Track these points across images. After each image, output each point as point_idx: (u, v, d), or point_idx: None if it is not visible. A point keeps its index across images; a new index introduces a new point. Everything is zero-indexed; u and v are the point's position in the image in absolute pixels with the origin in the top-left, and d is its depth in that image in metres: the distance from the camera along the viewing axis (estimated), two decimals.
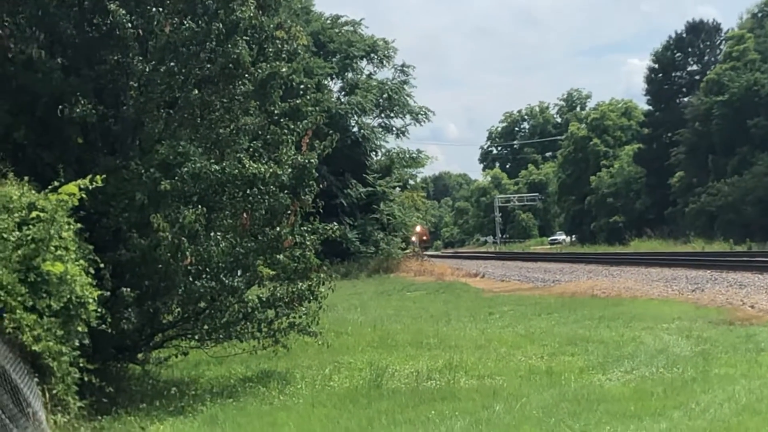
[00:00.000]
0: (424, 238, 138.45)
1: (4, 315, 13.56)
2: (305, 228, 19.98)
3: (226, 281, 18.29)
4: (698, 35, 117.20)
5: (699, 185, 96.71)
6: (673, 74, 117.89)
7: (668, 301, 31.94)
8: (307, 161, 19.67)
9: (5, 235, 14.10)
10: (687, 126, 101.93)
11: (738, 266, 45.32)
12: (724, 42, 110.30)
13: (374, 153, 71.44)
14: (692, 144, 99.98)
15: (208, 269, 18.12)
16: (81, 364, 14.59)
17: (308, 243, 19.71)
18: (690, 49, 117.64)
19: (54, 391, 14.04)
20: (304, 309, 19.69)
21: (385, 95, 71.04)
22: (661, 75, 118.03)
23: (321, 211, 21.18)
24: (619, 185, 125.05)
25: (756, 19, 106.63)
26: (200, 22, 17.94)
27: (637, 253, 77.62)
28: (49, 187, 15.02)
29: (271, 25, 20.02)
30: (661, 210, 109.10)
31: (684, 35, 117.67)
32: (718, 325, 23.97)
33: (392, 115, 72.75)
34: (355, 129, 67.44)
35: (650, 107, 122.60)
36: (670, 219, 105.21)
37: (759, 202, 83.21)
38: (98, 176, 15.20)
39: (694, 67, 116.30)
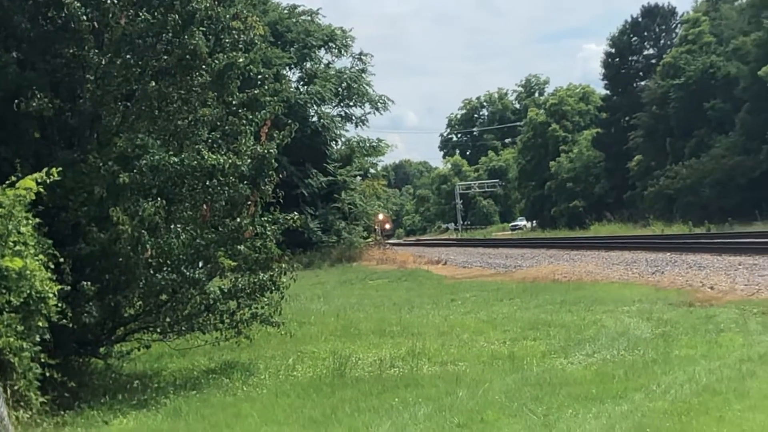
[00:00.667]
0: (387, 226, 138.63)
1: None
2: (266, 218, 19.98)
3: (188, 273, 18.24)
4: (654, 19, 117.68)
5: (657, 168, 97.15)
6: (630, 58, 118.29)
7: (629, 284, 32.12)
8: (266, 151, 19.66)
9: None
10: (644, 110, 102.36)
11: (697, 248, 45.57)
12: (679, 26, 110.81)
13: (334, 142, 71.52)
14: (650, 127, 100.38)
15: (168, 261, 18.07)
16: (42, 360, 14.55)
17: (269, 233, 19.71)
18: (646, 33, 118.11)
19: (15, 387, 13.98)
20: (266, 299, 19.67)
21: (344, 84, 71.12)
22: (617, 59, 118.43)
23: (281, 201, 21.19)
24: (578, 170, 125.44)
25: (710, 2, 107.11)
26: (156, 13, 17.86)
27: (597, 237, 77.93)
28: (7, 182, 14.98)
29: (228, 16, 19.97)
30: (621, 194, 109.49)
31: (640, 19, 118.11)
32: (678, 306, 24.12)
33: (351, 104, 72.86)
34: (315, 119, 67.39)
35: (608, 92, 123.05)
36: (630, 202, 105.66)
37: (717, 184, 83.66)
38: (55, 170, 15.17)
39: (651, 51, 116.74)
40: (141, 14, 17.71)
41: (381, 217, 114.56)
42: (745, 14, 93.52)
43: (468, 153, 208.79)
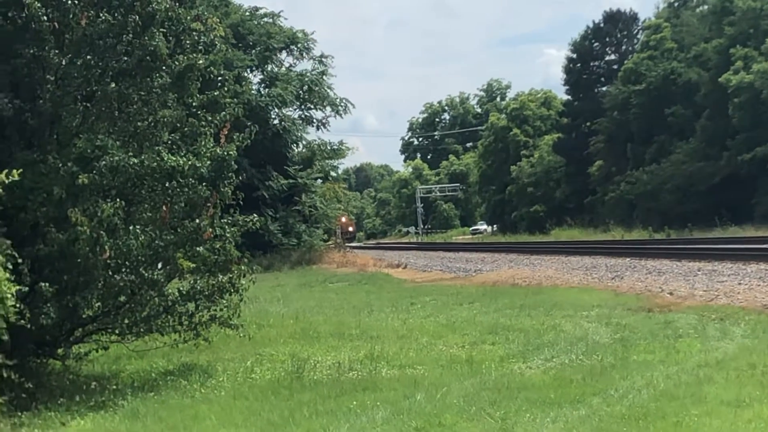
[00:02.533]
0: (350, 229, 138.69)
1: None
2: (225, 220, 20.01)
3: (146, 274, 18.22)
4: (616, 25, 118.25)
5: (618, 174, 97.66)
6: (591, 64, 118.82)
7: (588, 289, 32.25)
8: (226, 153, 19.67)
9: None
10: (605, 115, 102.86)
11: (656, 254, 45.81)
12: (641, 31, 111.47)
13: (295, 145, 71.45)
14: (611, 133, 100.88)
15: (127, 263, 18.05)
16: (1, 361, 14.54)
17: (228, 235, 19.74)
18: (608, 39, 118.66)
19: None
20: (225, 302, 19.69)
21: (305, 87, 71.05)
22: (579, 65, 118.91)
23: (241, 203, 21.21)
24: (539, 175, 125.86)
25: (672, 8, 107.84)
26: (116, 14, 17.87)
27: (557, 242, 78.24)
28: None
29: (188, 17, 19.95)
30: (581, 199, 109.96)
31: (602, 25, 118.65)
32: (636, 312, 24.25)
33: (312, 106, 72.78)
34: (276, 121, 67.35)
35: (569, 97, 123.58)
36: (590, 207, 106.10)
37: (677, 189, 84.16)
38: (15, 170, 15.16)
39: (612, 57, 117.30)
40: (101, 15, 17.71)
41: (344, 219, 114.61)
42: (705, 21, 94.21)
43: (429, 157, 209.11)
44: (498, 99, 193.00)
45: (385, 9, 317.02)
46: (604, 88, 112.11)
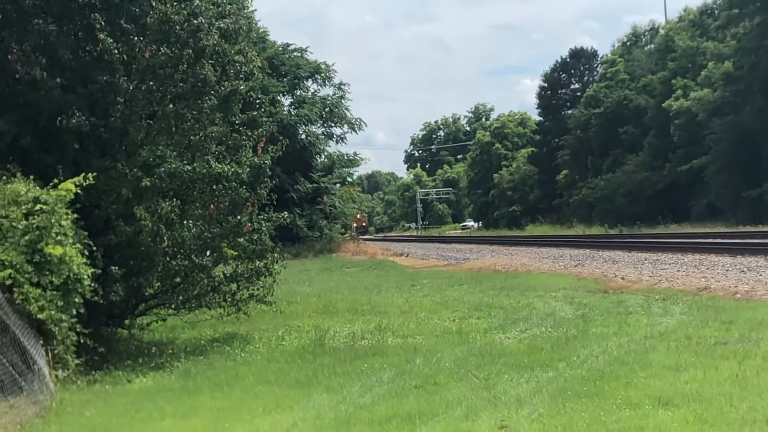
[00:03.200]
0: (363, 224, 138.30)
1: (14, 287, 13.46)
2: (261, 216, 20.00)
3: (197, 260, 18.26)
4: (579, 60, 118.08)
5: (580, 181, 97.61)
6: (559, 91, 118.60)
7: (555, 274, 32.21)
8: (262, 162, 19.72)
9: (14, 224, 14.00)
10: (570, 133, 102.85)
11: (611, 246, 45.81)
12: (599, 65, 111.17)
13: (318, 156, 71.38)
14: (575, 148, 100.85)
15: (182, 251, 18.08)
16: (78, 329, 14.53)
17: (264, 229, 19.74)
18: (573, 71, 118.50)
19: (55, 351, 13.96)
20: (261, 283, 19.71)
21: (327, 109, 71.00)
22: (549, 92, 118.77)
23: (275, 203, 21.29)
24: (516, 181, 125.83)
25: (625, 46, 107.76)
26: (174, 48, 17.84)
27: (531, 236, 78.11)
28: (51, 184, 14.99)
29: (232, 51, 19.95)
30: (551, 201, 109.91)
31: (568, 60, 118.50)
32: (595, 293, 24.20)
33: (333, 124, 72.69)
34: (303, 136, 67.22)
35: (541, 118, 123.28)
36: (558, 208, 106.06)
37: (628, 194, 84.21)
38: (91, 175, 15.19)
39: (576, 86, 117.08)
40: (162, 49, 17.69)
41: (358, 216, 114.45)
42: (652, 57, 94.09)
43: (427, 166, 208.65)
44: (483, 119, 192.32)
45: (395, 46, 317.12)
46: (569, 111, 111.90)
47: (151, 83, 17.78)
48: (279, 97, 65.18)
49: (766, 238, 38.76)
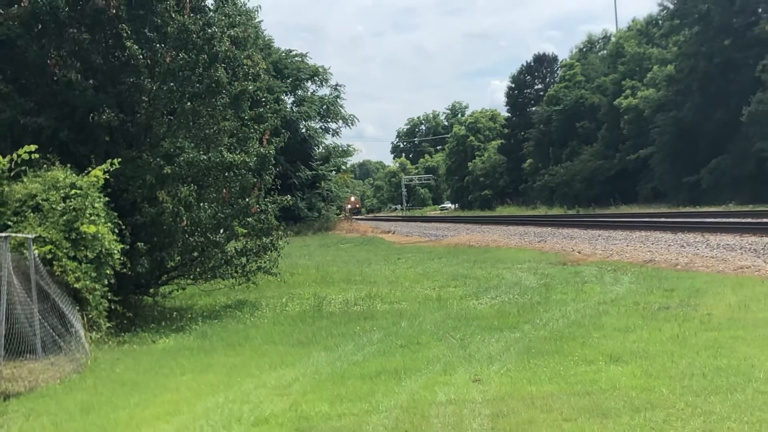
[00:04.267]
0: (357, 206, 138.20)
1: (54, 261, 13.48)
2: (267, 199, 20.11)
3: (212, 237, 18.34)
4: (542, 64, 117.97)
5: (543, 168, 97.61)
6: (525, 91, 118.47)
7: (521, 249, 32.24)
8: (267, 152, 19.82)
9: (54, 206, 14.01)
10: (534, 127, 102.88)
11: (569, 224, 45.85)
12: (559, 68, 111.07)
13: (317, 147, 71.18)
14: (538, 140, 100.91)
15: (198, 229, 18.16)
16: (109, 297, 14.58)
17: (270, 210, 19.84)
18: (536, 74, 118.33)
19: (90, 316, 13.98)
20: (267, 257, 19.81)
21: (324, 106, 70.91)
22: (516, 92, 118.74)
23: (279, 187, 21.49)
24: (488, 169, 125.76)
25: (581, 52, 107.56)
26: (191, 54, 17.84)
27: (500, 216, 78.14)
28: (85, 171, 15.02)
29: (242, 56, 19.93)
30: (517, 186, 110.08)
31: (532, 64, 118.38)
32: (555, 265, 24.24)
33: (329, 120, 72.58)
34: (303, 130, 67.08)
35: (509, 114, 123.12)
36: (523, 192, 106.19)
37: (584, 180, 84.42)
38: (117, 161, 15.28)
39: (539, 86, 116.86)
40: (180, 54, 17.68)
41: (353, 199, 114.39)
42: (605, 61, 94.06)
43: (410, 155, 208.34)
44: (459, 115, 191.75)
45: (382, 51, 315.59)
46: (533, 108, 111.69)
47: (171, 84, 17.80)
48: (282, 96, 64.92)
49: (702, 218, 38.90)
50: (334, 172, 77.37)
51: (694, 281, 17.39)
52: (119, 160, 15.79)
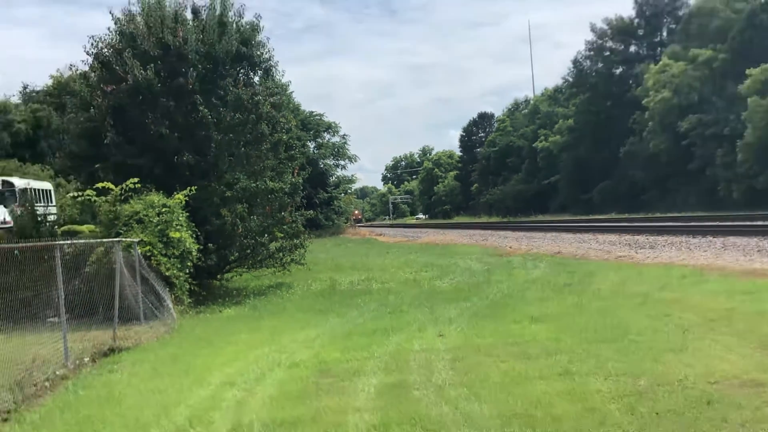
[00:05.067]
0: (359, 217, 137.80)
1: (152, 257, 13.51)
2: (297, 213, 20.12)
3: (259, 240, 18.35)
4: (484, 119, 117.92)
5: (485, 190, 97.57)
6: (472, 138, 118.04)
7: (471, 245, 32.25)
8: (297, 181, 19.96)
9: (151, 219, 14.07)
10: (478, 162, 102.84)
11: (503, 228, 45.95)
12: (495, 122, 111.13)
13: (330, 177, 70.91)
14: (481, 171, 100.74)
15: (250, 234, 18.15)
16: (189, 281, 14.57)
17: (298, 220, 19.91)
18: (480, 126, 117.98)
19: (176, 294, 13.99)
20: (297, 252, 19.84)
21: (335, 149, 70.94)
22: (466, 138, 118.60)
23: (305, 205, 21.73)
24: (447, 191, 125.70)
25: (510, 111, 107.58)
26: (243, 115, 17.87)
27: (457, 223, 78.24)
28: (172, 195, 15.05)
29: (279, 116, 19.97)
30: (468, 202, 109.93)
31: (477, 119, 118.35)
32: (494, 256, 24.29)
33: (339, 158, 72.58)
34: (321, 166, 66.79)
35: (461, 154, 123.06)
36: (472, 206, 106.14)
37: (512, 198, 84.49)
38: (193, 189, 15.34)
39: (482, 134, 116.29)
40: (236, 115, 17.71)
41: (356, 212, 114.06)
42: (526, 117, 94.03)
43: (395, 182, 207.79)
44: (428, 154, 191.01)
45: (374, 111, 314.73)
46: (478, 149, 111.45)
47: (230, 135, 17.83)
48: (307, 143, 64.85)
49: (593, 223, 39.01)
50: (342, 194, 77.19)
51: (588, 266, 17.48)
52: (195, 187, 15.85)
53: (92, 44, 17.70)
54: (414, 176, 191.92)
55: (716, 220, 30.42)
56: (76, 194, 16.25)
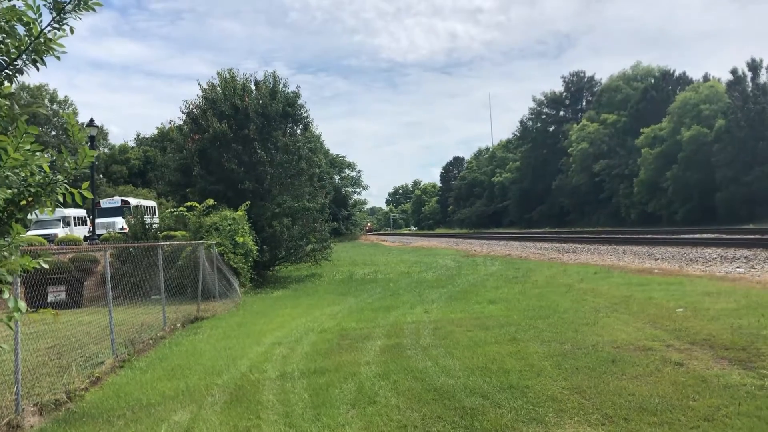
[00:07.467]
0: (370, 227, 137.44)
1: (224, 254, 13.47)
2: (326, 224, 20.04)
3: (299, 243, 18.28)
4: (457, 161, 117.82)
5: (457, 210, 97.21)
6: (450, 174, 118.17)
7: (448, 249, 32.10)
8: (326, 203, 19.82)
9: (224, 227, 14.00)
10: (453, 191, 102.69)
11: (471, 237, 45.71)
12: (465, 163, 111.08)
13: (349, 200, 70.94)
14: (456, 197, 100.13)
15: (292, 239, 18.09)
16: (250, 272, 14.49)
17: (326, 230, 19.79)
18: (455, 166, 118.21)
19: (241, 281, 13.94)
20: (325, 252, 19.76)
21: (353, 180, 71.14)
22: (445, 174, 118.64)
23: (331, 219, 21.43)
24: (431, 211, 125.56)
25: (476, 155, 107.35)
26: (288, 155, 17.92)
27: (438, 233, 77.97)
28: (238, 210, 14.98)
29: (314, 157, 20.02)
30: (446, 218, 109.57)
31: (452, 161, 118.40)
32: (464, 256, 24.13)
33: (355, 187, 72.72)
34: (343, 192, 66.91)
35: (441, 185, 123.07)
36: (450, 222, 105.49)
37: (476, 216, 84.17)
38: (248, 204, 15.23)
39: (456, 172, 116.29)
40: (284, 156, 17.77)
41: (369, 225, 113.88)
42: (489, 159, 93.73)
43: (395, 204, 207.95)
44: (418, 185, 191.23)
45: (380, 154, 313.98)
46: (453, 182, 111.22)
47: (280, 170, 17.88)
48: (333, 176, 65.02)
49: (534, 234, 38.88)
50: (357, 212, 77.15)
51: (529, 264, 17.40)
52: (250, 203, 15.80)
53: (185, 106, 18.03)
54: (408, 200, 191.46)
55: (619, 233, 30.34)
56: (172, 210, 16.39)
